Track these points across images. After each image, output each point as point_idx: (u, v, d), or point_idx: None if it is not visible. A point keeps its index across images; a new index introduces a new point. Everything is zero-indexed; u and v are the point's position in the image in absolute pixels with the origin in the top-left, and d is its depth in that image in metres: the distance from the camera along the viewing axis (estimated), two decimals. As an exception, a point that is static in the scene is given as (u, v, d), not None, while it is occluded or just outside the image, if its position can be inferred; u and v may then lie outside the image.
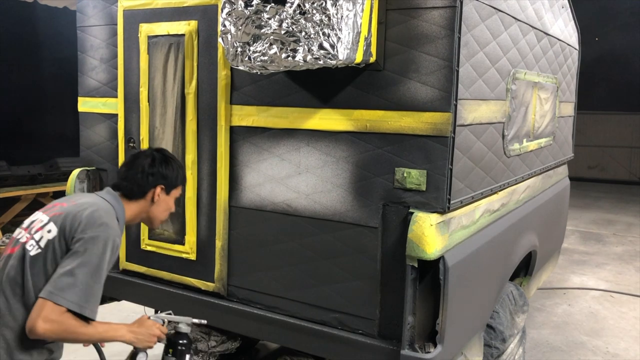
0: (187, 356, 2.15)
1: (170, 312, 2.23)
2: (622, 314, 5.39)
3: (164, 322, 2.14)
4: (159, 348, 2.20)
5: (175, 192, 2.27)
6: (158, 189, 2.17)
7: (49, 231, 1.92)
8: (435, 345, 2.37)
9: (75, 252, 1.87)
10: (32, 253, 1.90)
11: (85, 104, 3.39)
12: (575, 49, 4.62)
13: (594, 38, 13.39)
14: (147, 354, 2.06)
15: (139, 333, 2.02)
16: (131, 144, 3.16)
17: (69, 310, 1.81)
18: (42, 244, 1.91)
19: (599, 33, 13.59)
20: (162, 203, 2.21)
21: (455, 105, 2.33)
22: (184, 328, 2.16)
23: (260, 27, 2.27)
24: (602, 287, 6.18)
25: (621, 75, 13.88)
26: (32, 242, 1.92)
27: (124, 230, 3.20)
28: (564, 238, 5.49)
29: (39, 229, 1.94)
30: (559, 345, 4.65)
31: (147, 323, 2.07)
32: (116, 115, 3.22)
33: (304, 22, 2.18)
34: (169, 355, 2.12)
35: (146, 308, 3.35)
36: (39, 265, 1.89)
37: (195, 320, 2.22)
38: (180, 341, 2.14)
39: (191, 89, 2.89)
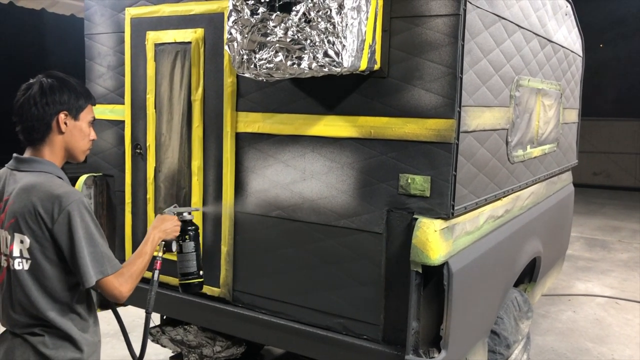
0: (199, 238, 2.55)
1: (175, 204, 2.65)
2: (627, 321, 5.38)
3: (174, 214, 2.47)
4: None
5: (86, 115, 2.02)
6: (61, 117, 1.94)
7: (22, 241, 1.86)
8: (439, 351, 2.37)
9: (73, 240, 1.81)
10: (26, 267, 1.86)
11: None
12: (579, 55, 4.64)
13: (599, 44, 13.39)
14: (175, 241, 2.42)
15: (167, 227, 2.29)
16: (138, 150, 3.19)
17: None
18: (27, 254, 1.85)
19: (604, 39, 13.59)
20: (75, 131, 1.98)
21: (459, 112, 2.35)
22: (188, 216, 2.51)
23: (266, 35, 2.30)
24: (608, 293, 6.17)
25: (627, 82, 13.85)
26: (18, 260, 1.87)
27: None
28: (569, 244, 5.49)
29: (11, 246, 1.88)
30: (563, 351, 4.65)
31: (167, 217, 2.34)
32: (123, 121, 3.25)
33: (309, 30, 2.21)
34: (187, 241, 2.49)
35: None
36: (38, 269, 1.86)
37: (192, 208, 2.73)
38: (190, 227, 2.50)
39: (197, 96, 2.92)
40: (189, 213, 2.52)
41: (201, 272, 2.55)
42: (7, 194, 1.92)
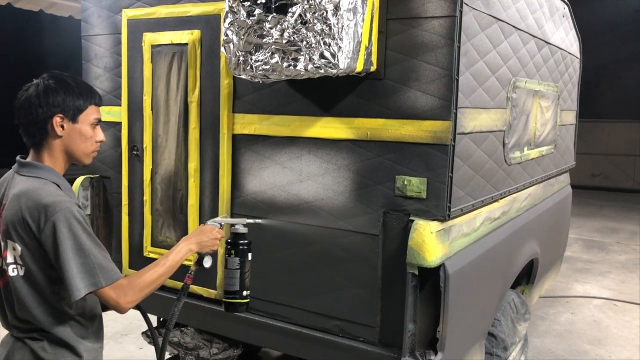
0: (250, 255, 2.33)
1: (226, 215, 2.43)
2: (625, 323, 5.38)
3: (221, 226, 2.27)
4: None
5: (87, 117, 1.91)
6: (56, 120, 1.85)
7: (14, 249, 1.82)
8: (436, 353, 2.37)
9: (59, 252, 1.75)
10: (22, 274, 1.83)
11: (89, 113, 3.42)
12: (577, 57, 4.64)
13: (598, 46, 13.40)
14: (211, 257, 2.24)
15: (202, 240, 2.13)
16: (135, 152, 3.19)
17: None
18: (21, 261, 1.82)
19: (604, 41, 13.60)
20: (74, 134, 1.89)
21: (456, 114, 2.35)
22: (241, 229, 2.33)
23: (262, 36, 2.30)
24: (606, 295, 6.17)
25: (626, 83, 13.87)
26: (12, 266, 1.83)
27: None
28: (567, 246, 5.49)
29: (5, 253, 1.85)
30: (562, 354, 4.64)
31: (207, 229, 2.18)
32: (120, 123, 3.25)
33: (305, 32, 2.21)
34: (233, 256, 2.30)
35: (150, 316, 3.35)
36: (32, 276, 1.83)
37: (250, 221, 2.42)
38: (241, 242, 2.32)
39: (194, 98, 2.92)
40: (244, 225, 2.30)
41: (245, 293, 2.35)
42: (6, 198, 1.88)
